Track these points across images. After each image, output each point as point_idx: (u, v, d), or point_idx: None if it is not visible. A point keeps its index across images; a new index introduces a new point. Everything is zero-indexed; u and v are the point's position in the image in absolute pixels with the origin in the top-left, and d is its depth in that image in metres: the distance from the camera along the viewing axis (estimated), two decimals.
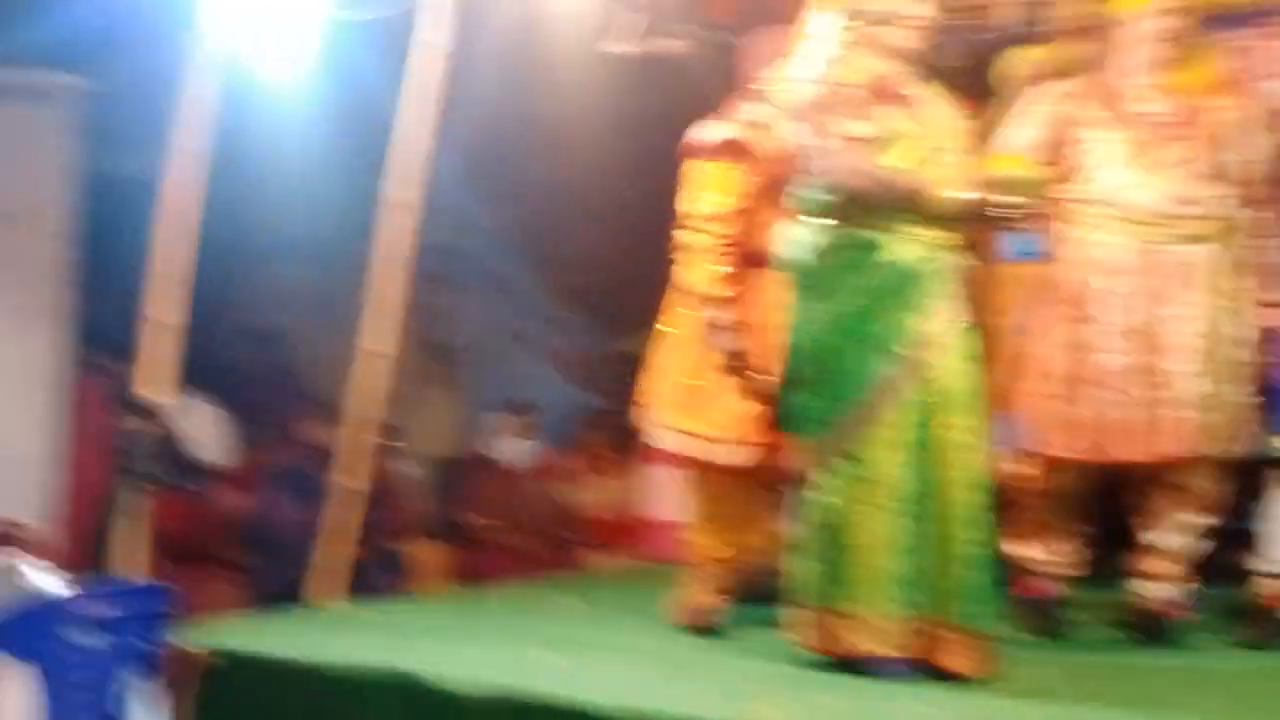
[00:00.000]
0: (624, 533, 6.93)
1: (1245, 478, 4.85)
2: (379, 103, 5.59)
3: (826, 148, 4.01)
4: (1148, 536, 4.74)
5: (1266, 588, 4.69)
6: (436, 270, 6.48)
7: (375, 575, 5.87)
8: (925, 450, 3.96)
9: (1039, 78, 5.14)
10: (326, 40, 5.48)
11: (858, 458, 3.96)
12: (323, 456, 5.76)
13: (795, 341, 4.14)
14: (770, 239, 4.37)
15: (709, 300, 4.53)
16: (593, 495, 7.13)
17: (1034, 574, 4.80)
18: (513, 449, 6.84)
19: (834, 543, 3.99)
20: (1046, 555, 4.79)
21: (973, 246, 4.27)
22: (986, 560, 3.99)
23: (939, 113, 4.14)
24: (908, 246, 4.01)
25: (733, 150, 4.56)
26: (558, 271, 8.78)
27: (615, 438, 7.55)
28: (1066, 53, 5.18)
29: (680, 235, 4.65)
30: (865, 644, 3.96)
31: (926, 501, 3.95)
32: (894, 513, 3.93)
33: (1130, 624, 4.76)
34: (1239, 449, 4.65)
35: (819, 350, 4.05)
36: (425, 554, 6.61)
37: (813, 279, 4.08)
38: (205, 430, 6.64)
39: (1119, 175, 4.61)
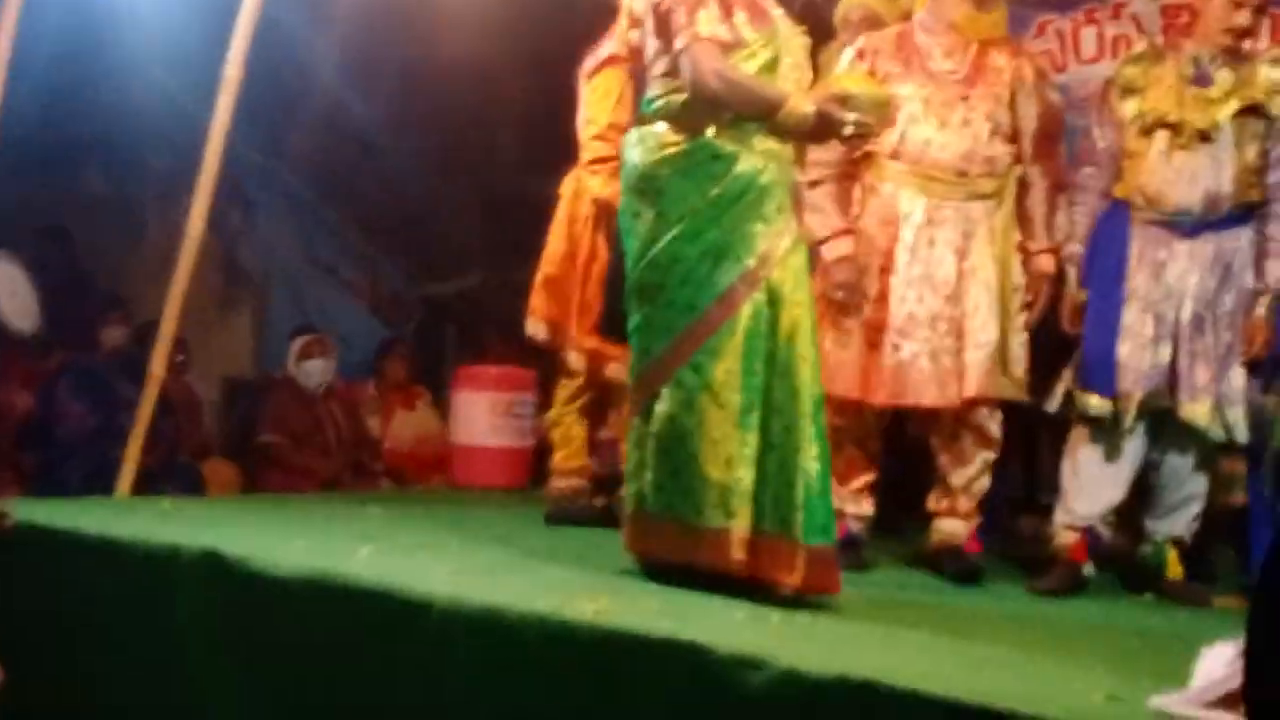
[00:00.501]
0: (429, 462, 6.82)
1: (1048, 432, 5.01)
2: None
3: (688, 49, 3.93)
4: (953, 477, 4.85)
5: (1067, 539, 4.78)
6: (234, 189, 6.30)
7: (166, 486, 5.67)
8: (768, 362, 3.92)
9: (872, 23, 5.25)
10: None
11: (699, 368, 3.91)
12: (119, 363, 5.55)
13: (637, 251, 4.06)
14: None
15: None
16: (396, 427, 7.00)
17: (841, 515, 4.81)
18: (309, 372, 6.66)
19: (674, 453, 3.93)
20: (848, 496, 4.83)
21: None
22: (826, 475, 3.97)
23: (789, 30, 4.13)
24: (755, 158, 3.97)
25: (615, 62, 4.52)
26: (371, 209, 8.64)
27: (417, 373, 7.48)
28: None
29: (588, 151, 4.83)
30: (700, 556, 3.90)
31: (768, 413, 3.91)
32: (734, 424, 3.89)
33: (932, 559, 4.88)
34: (1024, 396, 4.82)
35: (663, 259, 3.97)
36: (217, 470, 6.41)
37: (657, 187, 4.01)
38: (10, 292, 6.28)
39: (916, 131, 4.73)
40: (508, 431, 6.51)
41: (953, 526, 4.87)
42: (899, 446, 5.25)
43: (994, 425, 4.82)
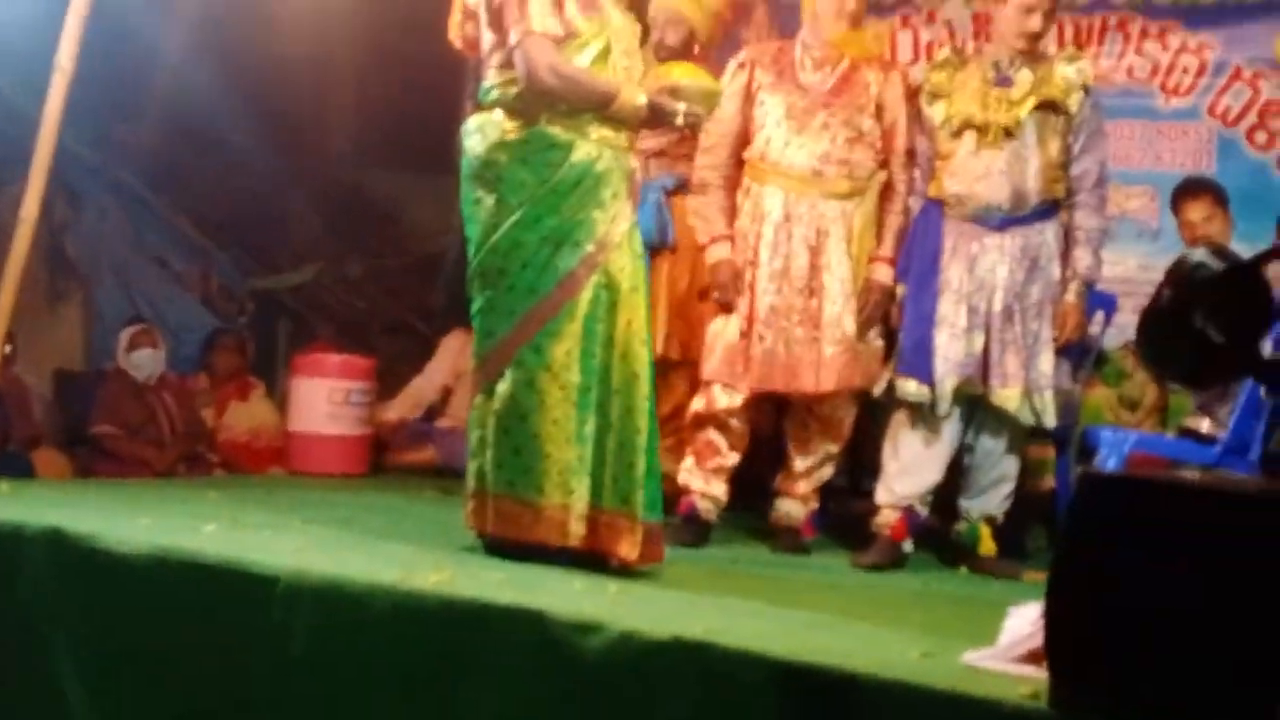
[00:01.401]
0: (265, 453, 6.82)
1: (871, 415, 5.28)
2: None
3: (521, 44, 4.04)
4: (796, 462, 5.16)
5: (888, 517, 5.00)
6: (58, 178, 6.22)
7: None
8: (605, 343, 4.07)
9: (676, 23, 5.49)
10: None
11: (540, 349, 4.03)
12: None
13: (478, 237, 4.16)
14: None
15: None
16: (230, 418, 6.97)
17: (690, 492, 5.09)
18: (139, 362, 6.62)
19: (515, 432, 4.04)
20: (699, 474, 5.07)
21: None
22: (655, 453, 4.13)
23: (621, 19, 4.25)
24: (591, 146, 4.10)
25: None
26: (204, 202, 8.58)
27: (250, 365, 7.46)
28: None
29: None
30: (540, 532, 4.03)
31: (606, 394, 4.06)
32: (574, 404, 4.03)
33: (774, 539, 5.15)
34: (870, 387, 5.08)
35: (504, 245, 4.09)
36: (49, 460, 6.32)
37: (497, 174, 4.11)
38: None
39: (779, 135, 5.02)
40: (346, 419, 6.55)
41: (789, 507, 5.17)
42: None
43: (844, 417, 5.14)
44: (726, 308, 5.04)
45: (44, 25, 5.41)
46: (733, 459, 5.11)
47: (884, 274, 5.05)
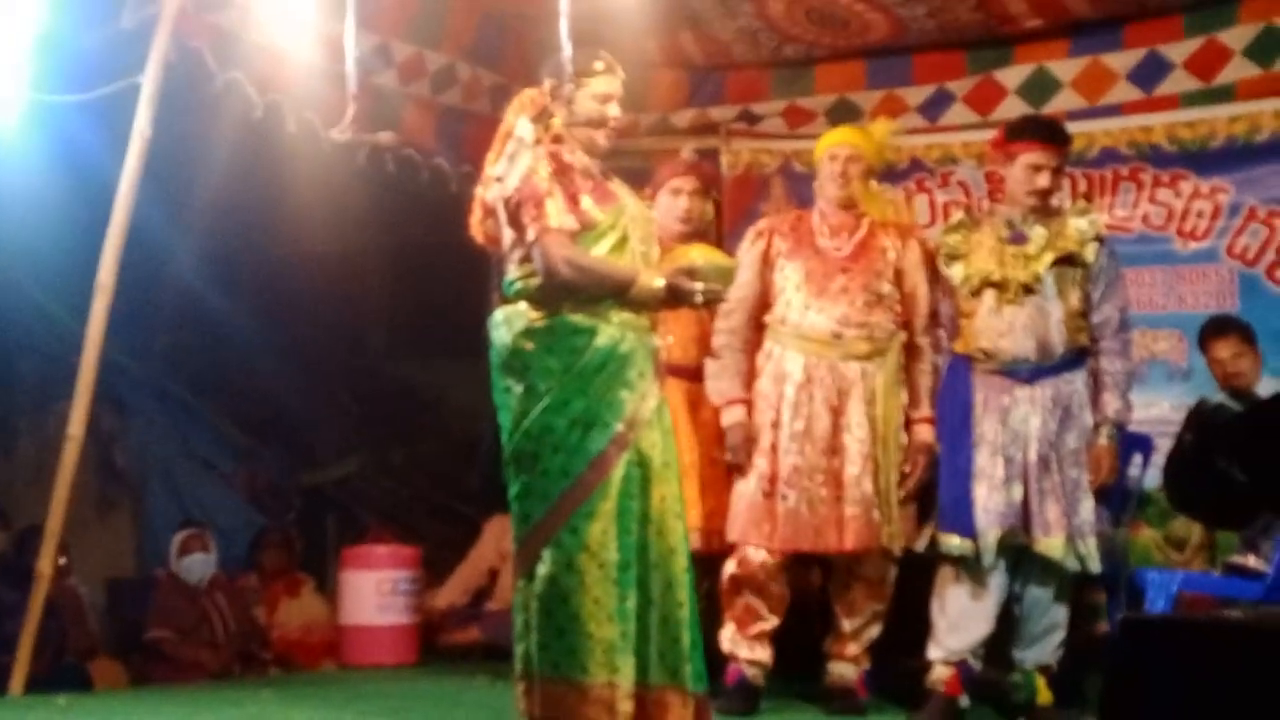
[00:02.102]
0: (318, 648, 6.85)
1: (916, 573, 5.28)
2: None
3: (539, 241, 4.15)
4: (844, 624, 5.19)
5: (942, 673, 4.99)
6: (104, 391, 6.37)
7: (55, 689, 5.62)
8: (640, 520, 4.11)
9: None
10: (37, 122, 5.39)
11: (577, 530, 4.08)
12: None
13: (510, 423, 4.23)
14: None
15: None
16: (283, 615, 7.03)
17: (736, 659, 5.11)
18: (190, 566, 6.71)
19: (557, 613, 4.05)
20: (743, 642, 5.09)
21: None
22: (698, 626, 4.16)
23: (636, 206, 4.37)
24: (613, 329, 4.18)
25: None
26: (245, 403, 8.75)
27: (299, 561, 7.54)
28: None
29: None
30: (588, 713, 4.01)
31: (645, 570, 4.10)
32: (614, 581, 4.04)
33: (828, 702, 5.16)
34: (902, 544, 5.11)
35: (535, 430, 4.13)
36: (105, 670, 6.38)
37: (525, 362, 4.17)
38: None
39: (798, 299, 5.15)
40: (396, 609, 6.59)
41: (842, 669, 5.18)
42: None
43: (885, 576, 5.15)
44: (740, 470, 5.12)
45: (83, 244, 5.59)
46: (773, 622, 5.13)
47: (927, 433, 5.12)
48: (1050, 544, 4.90)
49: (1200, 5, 6.29)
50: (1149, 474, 5.71)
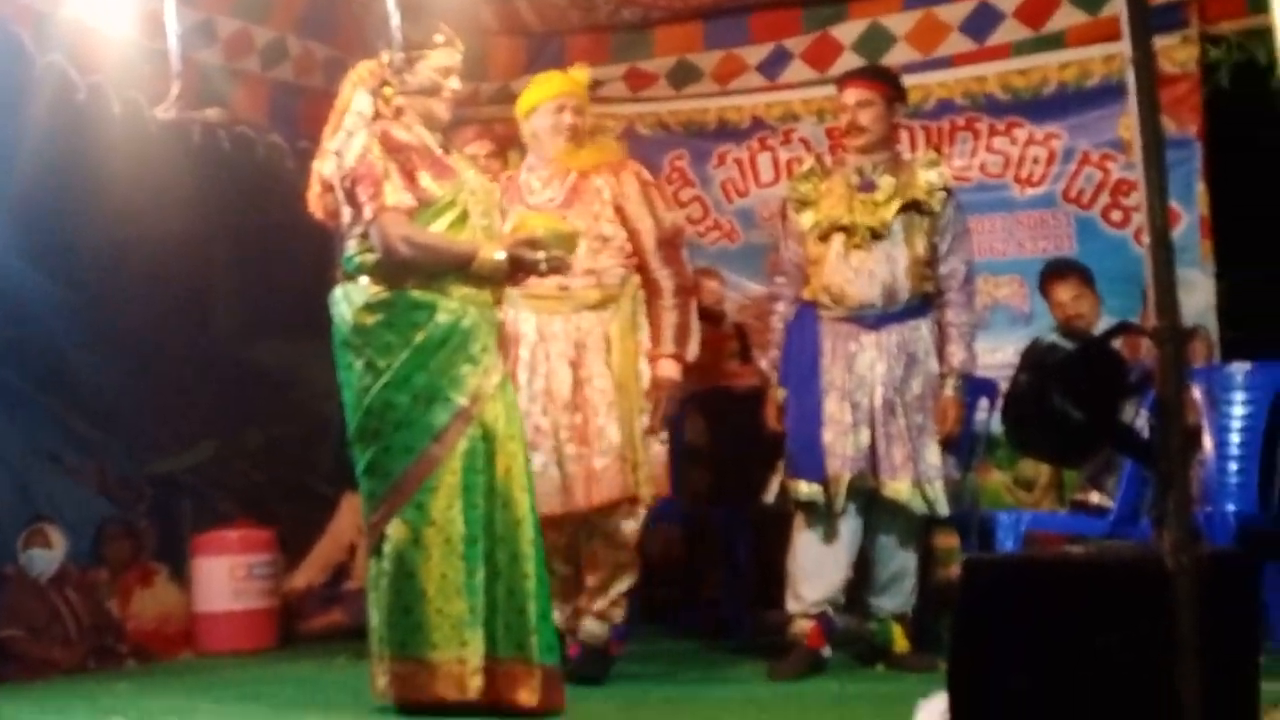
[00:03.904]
0: (175, 637, 6.73)
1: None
2: None
3: (376, 220, 4.12)
4: (589, 579, 5.01)
5: (802, 626, 5.03)
6: None
7: None
8: (486, 493, 4.10)
9: None
10: None
11: (422, 506, 4.05)
12: None
13: (353, 400, 4.19)
14: None
15: None
16: (137, 606, 6.89)
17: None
18: (33, 563, 6.56)
19: (405, 590, 4.04)
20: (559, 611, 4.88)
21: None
22: (547, 597, 4.16)
23: (476, 180, 4.35)
24: (455, 303, 4.16)
25: None
26: (90, 393, 8.55)
27: (148, 549, 7.39)
28: None
29: None
30: (438, 689, 4.01)
31: (491, 543, 4.08)
32: (461, 556, 4.03)
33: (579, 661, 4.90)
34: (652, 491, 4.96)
35: (377, 406, 4.11)
36: None
37: (365, 339, 4.15)
38: None
39: None
40: (251, 593, 6.49)
41: (591, 627, 4.98)
42: None
43: (626, 529, 4.93)
44: None
45: None
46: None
47: (669, 369, 4.98)
48: (897, 487, 4.95)
49: None
50: (994, 418, 5.81)
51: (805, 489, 4.97)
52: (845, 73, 5.52)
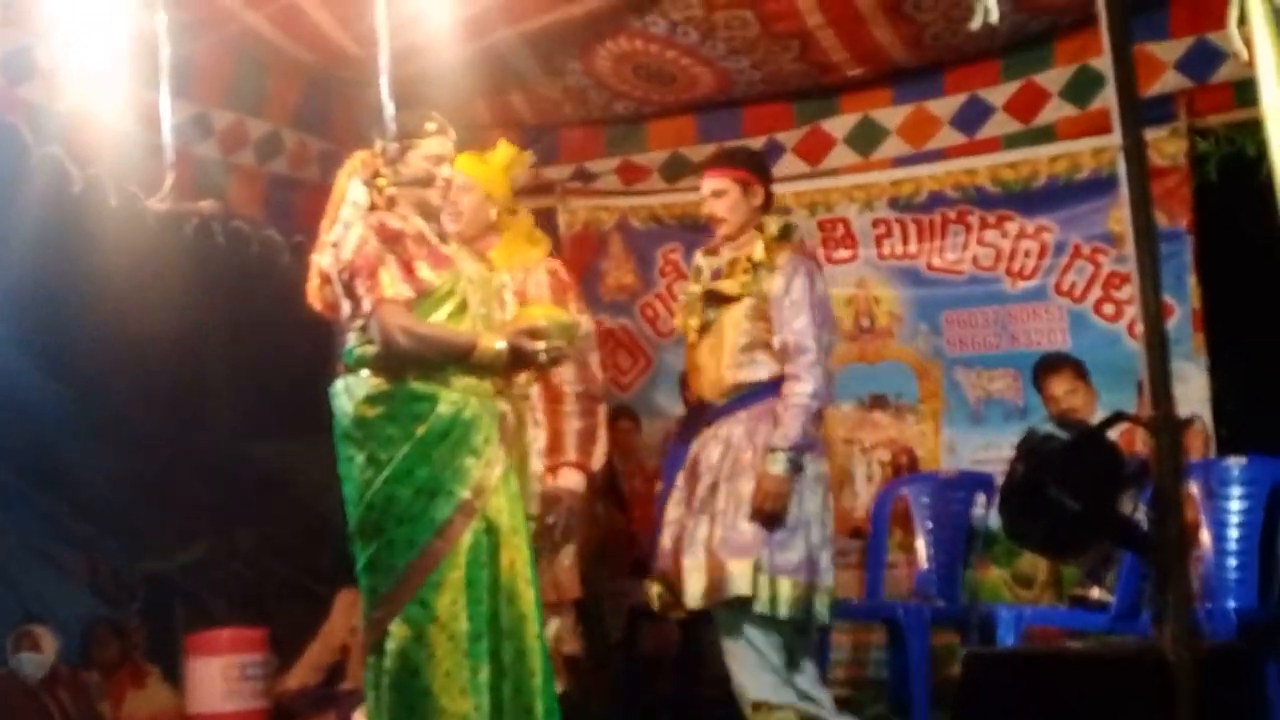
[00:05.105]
0: None
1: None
2: None
3: (375, 312, 4.10)
4: None
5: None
6: None
7: None
8: (491, 589, 4.06)
9: None
10: None
11: (425, 602, 4.00)
12: None
13: (354, 494, 4.15)
14: None
15: None
16: (129, 707, 6.83)
17: None
18: (20, 666, 6.50)
19: (408, 689, 3.97)
20: None
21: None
22: (553, 695, 4.11)
23: (474, 269, 4.34)
24: (456, 395, 4.13)
25: None
26: (82, 490, 8.53)
27: (138, 649, 7.34)
28: None
29: None
30: None
31: (497, 640, 4.04)
32: (465, 653, 3.97)
33: None
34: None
35: (379, 501, 4.06)
36: None
37: (366, 432, 4.11)
38: None
39: None
40: (243, 694, 6.42)
41: None
42: None
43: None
44: None
45: None
46: None
47: (571, 480, 4.80)
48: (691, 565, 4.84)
49: (1016, 49, 6.45)
50: (992, 513, 5.79)
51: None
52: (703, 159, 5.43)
